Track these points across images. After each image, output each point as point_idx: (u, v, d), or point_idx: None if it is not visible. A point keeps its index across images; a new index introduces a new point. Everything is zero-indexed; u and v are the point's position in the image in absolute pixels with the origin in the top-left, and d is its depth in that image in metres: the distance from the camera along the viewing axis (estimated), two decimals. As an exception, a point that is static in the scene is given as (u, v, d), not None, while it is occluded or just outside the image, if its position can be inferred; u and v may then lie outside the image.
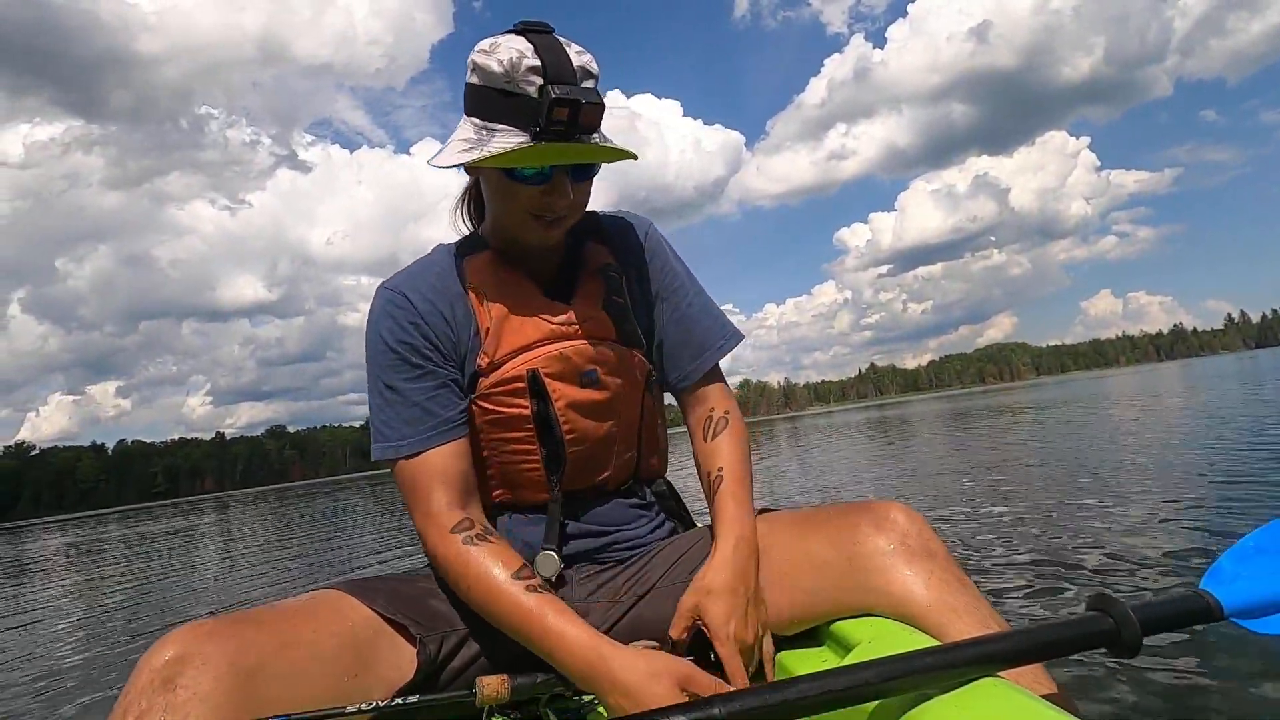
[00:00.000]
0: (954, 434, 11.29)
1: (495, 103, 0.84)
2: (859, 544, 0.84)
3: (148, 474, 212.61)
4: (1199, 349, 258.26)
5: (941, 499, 4.55)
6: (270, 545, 8.31)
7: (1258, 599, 0.71)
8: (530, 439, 0.94)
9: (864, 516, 0.85)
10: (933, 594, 0.79)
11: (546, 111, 0.80)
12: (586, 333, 0.96)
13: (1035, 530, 3.21)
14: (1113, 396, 16.48)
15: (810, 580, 0.87)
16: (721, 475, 0.97)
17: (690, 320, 1.04)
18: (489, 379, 0.93)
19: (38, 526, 46.41)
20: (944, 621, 0.77)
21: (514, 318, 0.94)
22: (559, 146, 0.83)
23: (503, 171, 0.87)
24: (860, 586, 0.83)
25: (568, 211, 0.91)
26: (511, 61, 0.82)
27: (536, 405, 0.93)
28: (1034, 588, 2.34)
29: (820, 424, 30.36)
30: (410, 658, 0.83)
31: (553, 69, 0.82)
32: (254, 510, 20.02)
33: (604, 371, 0.96)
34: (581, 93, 0.81)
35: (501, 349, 0.93)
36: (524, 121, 0.83)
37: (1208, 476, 3.97)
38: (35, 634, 4.35)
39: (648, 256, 1.06)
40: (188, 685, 0.66)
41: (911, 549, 0.82)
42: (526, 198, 0.88)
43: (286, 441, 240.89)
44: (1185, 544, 2.63)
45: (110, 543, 13.92)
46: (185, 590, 5.39)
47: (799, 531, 0.91)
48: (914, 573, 0.80)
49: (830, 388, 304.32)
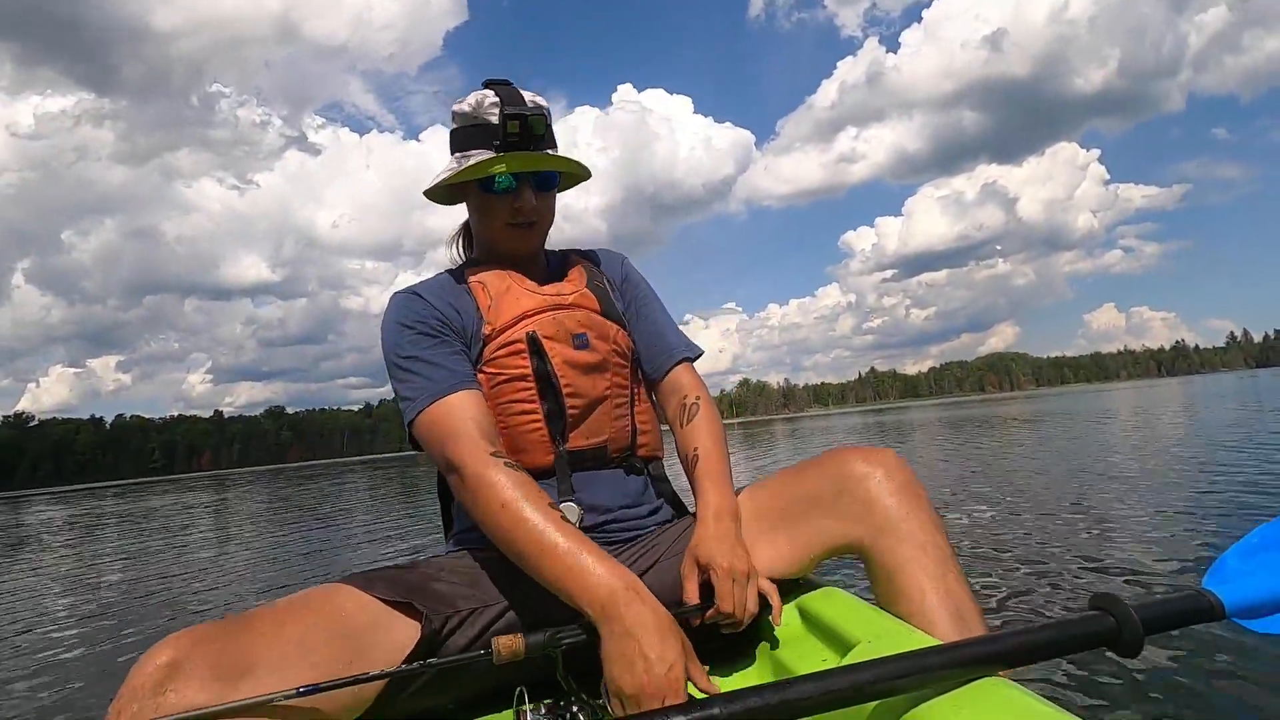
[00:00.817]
0: (956, 440, 11.32)
1: (468, 134, 1.08)
2: (850, 474, 0.93)
3: (145, 449, 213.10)
4: (1200, 366, 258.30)
5: (944, 499, 4.56)
6: (267, 529, 8.32)
7: (1259, 598, 0.71)
8: (532, 396, 1.03)
9: (857, 453, 0.95)
10: (910, 526, 0.88)
11: (503, 126, 1.03)
12: (574, 303, 1.09)
13: (1038, 531, 3.23)
14: (1114, 409, 16.49)
15: (804, 513, 0.96)
16: (698, 455, 1.06)
17: (660, 329, 1.19)
18: (493, 343, 1.04)
19: (36, 498, 46.43)
20: (911, 555, 0.86)
21: (511, 293, 1.08)
22: (518, 155, 1.04)
23: (479, 187, 1.08)
24: (848, 513, 0.92)
25: (535, 216, 1.09)
26: (478, 100, 1.07)
27: (536, 363, 1.03)
28: (1036, 587, 2.34)
29: (818, 426, 30.36)
30: (408, 640, 0.84)
31: (508, 100, 1.06)
32: (250, 491, 20.04)
33: (593, 336, 1.08)
34: (528, 108, 1.05)
35: (502, 317, 1.05)
36: (488, 143, 1.06)
37: (1208, 478, 4.00)
38: (28, 619, 4.35)
39: (623, 274, 1.23)
40: (178, 689, 0.68)
41: (898, 483, 0.91)
42: (500, 207, 1.07)
43: (284, 423, 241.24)
44: (1187, 544, 2.64)
45: (107, 518, 13.94)
46: (180, 581, 5.40)
47: (796, 477, 1.01)
48: (897, 503, 0.89)
49: (830, 390, 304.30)
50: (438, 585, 0.92)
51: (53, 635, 3.47)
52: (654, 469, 1.14)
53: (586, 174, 1.18)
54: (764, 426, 41.73)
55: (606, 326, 1.10)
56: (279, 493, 16.11)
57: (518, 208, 1.07)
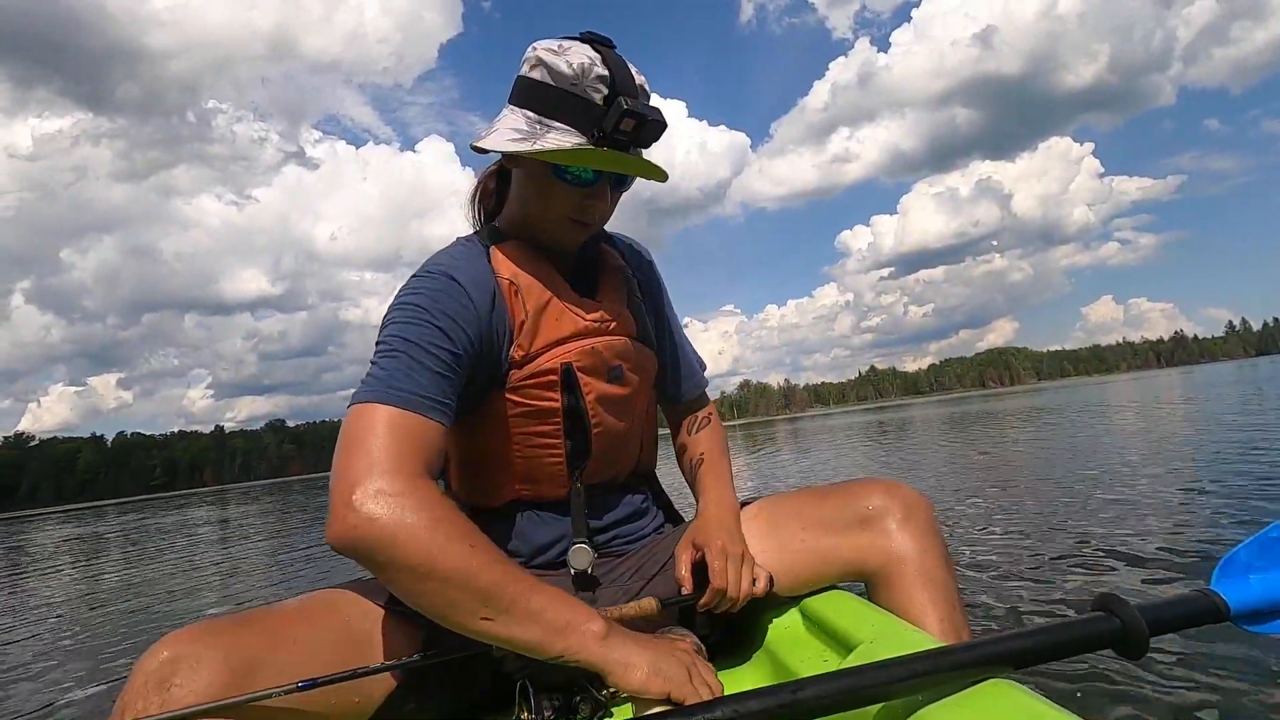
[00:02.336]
0: (955, 437, 11.28)
1: (556, 101, 0.86)
2: (869, 507, 0.92)
3: (146, 466, 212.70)
4: (1199, 356, 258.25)
5: (946, 499, 4.54)
6: (264, 541, 8.30)
7: (1265, 599, 0.70)
8: (557, 432, 0.94)
9: (878, 487, 0.94)
10: (923, 564, 0.88)
11: (616, 120, 0.83)
12: (615, 330, 0.98)
13: (1042, 530, 3.21)
14: (1115, 401, 16.48)
15: (818, 536, 0.94)
16: (703, 458, 1.11)
17: (686, 352, 1.17)
18: (522, 371, 0.91)
19: (35, 518, 46.38)
20: (920, 594, 0.86)
21: (548, 312, 0.93)
22: (616, 154, 0.85)
23: (550, 169, 0.89)
24: (861, 544, 0.91)
25: (603, 220, 0.97)
26: (582, 66, 0.84)
27: (567, 399, 0.93)
28: (1041, 588, 2.34)
29: (820, 425, 30.35)
30: (409, 648, 0.83)
31: (620, 81, 0.85)
32: (249, 504, 20.01)
33: (628, 367, 0.99)
34: (649, 110, 0.85)
35: (537, 342, 0.92)
36: (584, 124, 0.85)
37: (1214, 477, 3.97)
38: (30, 633, 4.34)
39: (651, 280, 1.14)
40: (182, 685, 0.67)
41: (916, 523, 0.90)
42: (567, 198, 0.91)
43: (285, 436, 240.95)
44: (1192, 544, 2.63)
45: (109, 539, 13.91)
46: (182, 591, 5.38)
47: (814, 498, 0.98)
48: (913, 542, 0.89)
49: (830, 389, 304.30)
50: None
51: (63, 641, 3.45)
52: (652, 482, 1.14)
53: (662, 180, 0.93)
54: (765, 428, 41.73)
55: (641, 354, 1.02)
56: (276, 505, 16.06)
57: (589, 206, 0.92)
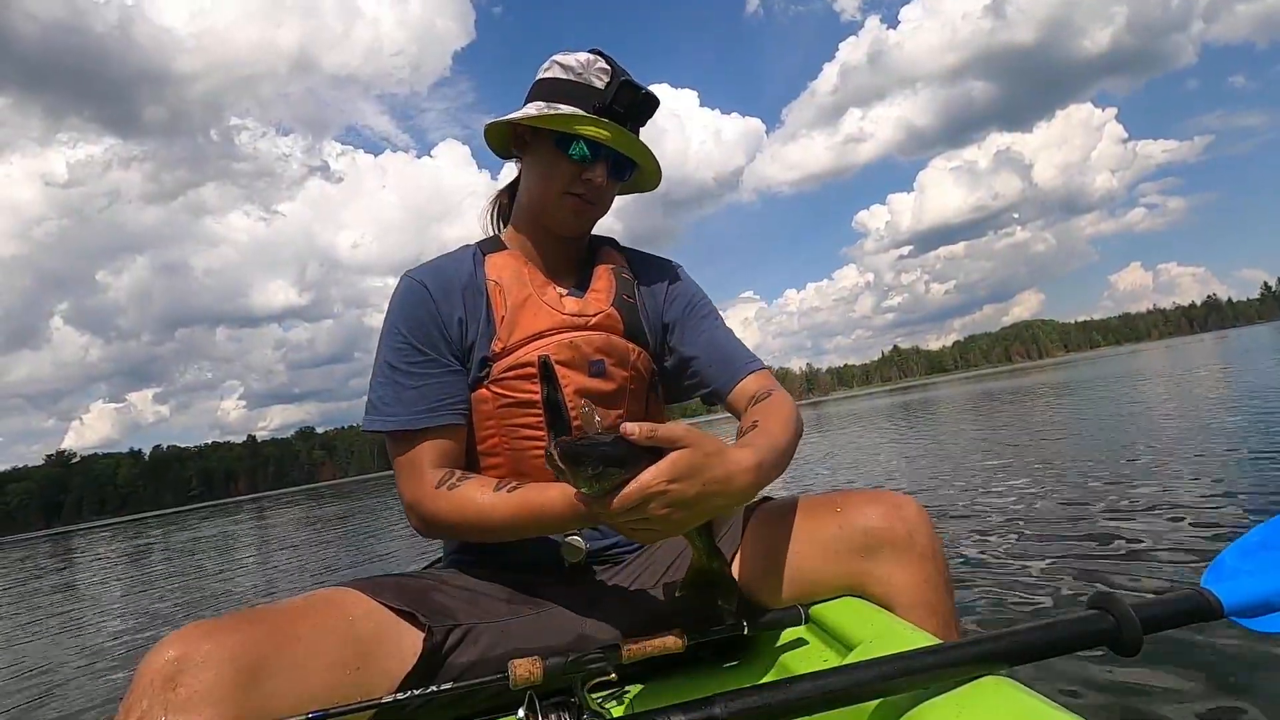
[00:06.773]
0: (968, 421, 11.13)
1: (563, 87, 0.99)
2: (871, 530, 0.88)
3: (183, 478, 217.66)
4: (1234, 320, 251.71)
5: (945, 493, 4.51)
6: (295, 548, 8.45)
7: (1258, 597, 0.70)
8: (540, 424, 0.97)
9: (878, 505, 0.90)
10: (921, 590, 0.85)
11: (614, 92, 0.96)
12: (596, 325, 1.01)
13: (1038, 526, 3.18)
14: (1142, 372, 16.11)
15: (815, 555, 0.90)
16: (756, 425, 0.94)
17: (721, 342, 1.11)
18: (502, 363, 0.97)
19: (79, 533, 47.70)
20: (919, 617, 0.83)
21: (528, 307, 0.99)
22: (615, 126, 0.97)
23: (554, 143, 0.99)
24: (858, 568, 0.88)
25: (597, 199, 1.02)
26: (585, 61, 0.99)
27: (546, 390, 0.97)
28: (1035, 585, 2.33)
29: (845, 410, 30.12)
30: (411, 649, 0.83)
31: (619, 71, 0.99)
32: (279, 514, 20.39)
33: (611, 363, 1.01)
34: (643, 87, 0.98)
35: (515, 335, 0.98)
36: (586, 102, 0.97)
37: (1211, 471, 3.86)
38: (71, 640, 4.47)
39: (673, 284, 1.14)
40: (188, 684, 0.67)
41: (916, 544, 0.87)
42: (567, 172, 0.99)
43: (316, 442, 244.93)
44: (1187, 541, 2.59)
45: (151, 550, 14.26)
46: (212, 594, 5.50)
47: (811, 511, 0.94)
48: (910, 564, 0.86)
49: (853, 372, 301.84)
50: (438, 596, 0.91)
51: (84, 646, 3.57)
52: None
53: (654, 184, 1.11)
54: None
55: (627, 351, 1.03)
56: (308, 511, 16.34)
57: (586, 178, 0.99)
